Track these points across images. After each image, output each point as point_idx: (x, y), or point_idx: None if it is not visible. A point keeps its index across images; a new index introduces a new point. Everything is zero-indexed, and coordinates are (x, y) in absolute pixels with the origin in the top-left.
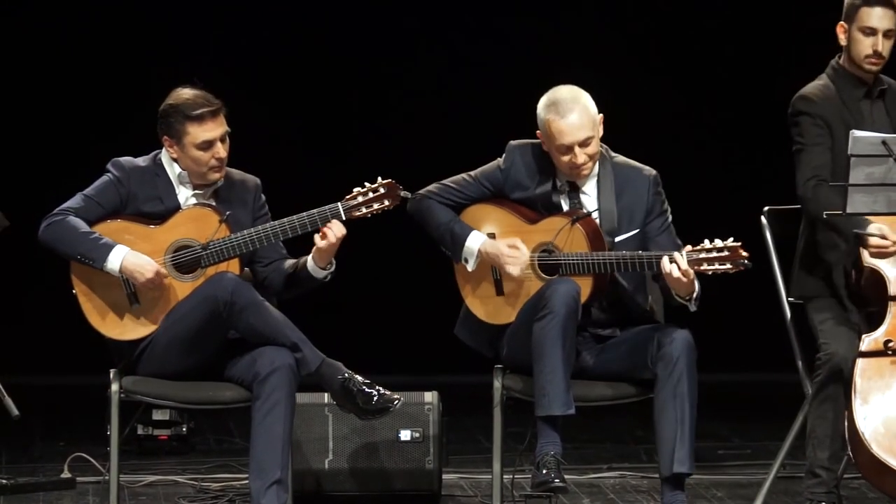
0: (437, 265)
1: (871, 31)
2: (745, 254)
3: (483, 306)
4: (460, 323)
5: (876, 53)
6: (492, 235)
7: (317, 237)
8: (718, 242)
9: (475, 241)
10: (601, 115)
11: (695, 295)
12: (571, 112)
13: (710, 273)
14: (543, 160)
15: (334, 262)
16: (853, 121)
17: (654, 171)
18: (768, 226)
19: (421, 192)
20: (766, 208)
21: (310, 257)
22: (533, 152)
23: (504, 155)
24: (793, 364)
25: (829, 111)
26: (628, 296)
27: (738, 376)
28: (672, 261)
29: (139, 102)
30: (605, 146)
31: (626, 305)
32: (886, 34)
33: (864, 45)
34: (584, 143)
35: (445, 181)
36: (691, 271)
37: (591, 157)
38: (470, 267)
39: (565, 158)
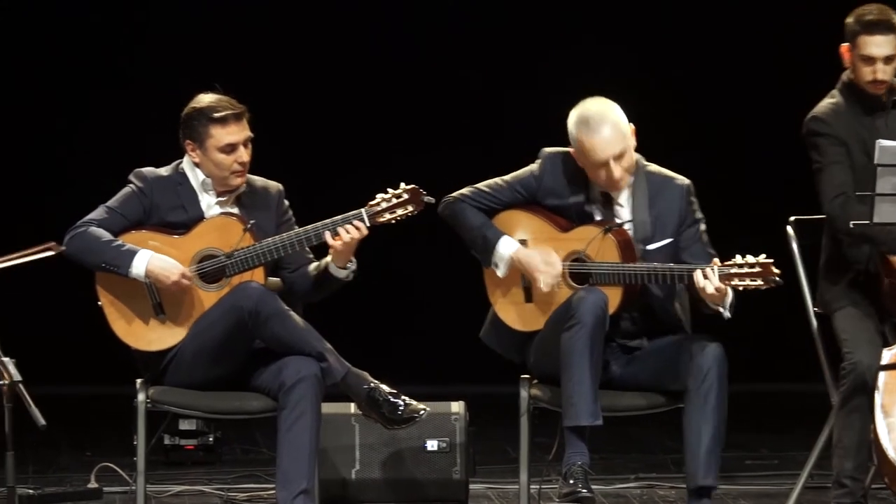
0: (463, 273)
1: (871, 60)
2: (776, 271)
3: (511, 312)
4: (487, 328)
5: (875, 81)
6: (523, 242)
7: (330, 238)
8: (750, 258)
9: (507, 248)
10: (632, 125)
11: (729, 301)
12: (602, 128)
13: (740, 289)
14: (577, 169)
15: (354, 260)
16: (868, 137)
17: (687, 181)
18: (795, 236)
19: (453, 194)
20: (792, 218)
21: (329, 258)
22: (566, 161)
23: (538, 162)
24: (820, 374)
25: (843, 130)
26: (659, 305)
27: (766, 386)
28: (705, 277)
29: (161, 110)
30: (638, 155)
31: (655, 315)
32: (887, 60)
33: (865, 72)
34: (618, 157)
35: (478, 185)
36: (723, 286)
37: (626, 169)
38: (500, 273)
39: (602, 173)
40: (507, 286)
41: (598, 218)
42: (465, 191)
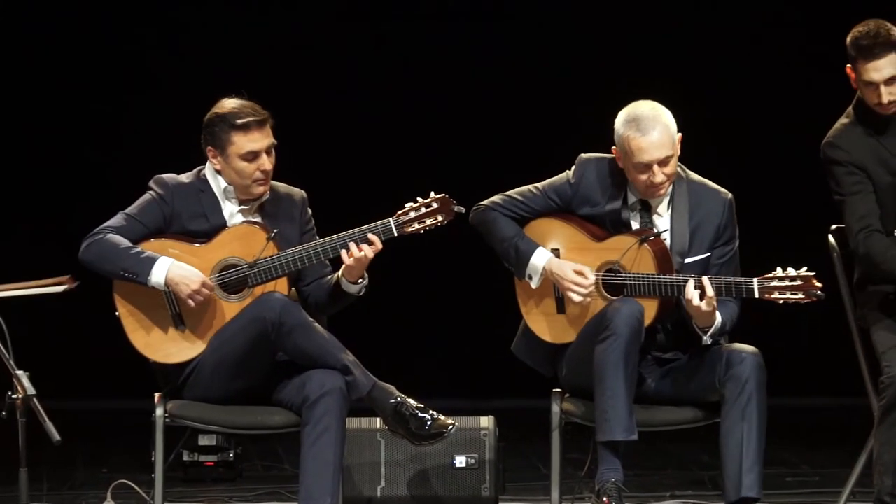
0: (493, 284)
1: (873, 84)
2: (818, 284)
3: (543, 324)
4: (518, 340)
5: (881, 104)
6: (556, 251)
7: (344, 254)
8: (791, 271)
9: (540, 259)
10: (680, 134)
11: (713, 329)
12: (653, 129)
13: (780, 302)
14: (615, 176)
15: (366, 275)
16: (889, 154)
17: (729, 195)
18: (836, 245)
19: (485, 203)
20: (833, 227)
21: (340, 273)
22: (604, 167)
23: (574, 168)
24: (863, 388)
25: (860, 154)
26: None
27: (807, 401)
28: (698, 286)
29: (185, 114)
30: (680, 164)
31: (689, 327)
32: (889, 81)
33: (871, 97)
34: (663, 162)
35: (511, 192)
36: (714, 302)
37: (668, 176)
38: (534, 285)
39: (643, 177)
40: (539, 297)
41: (634, 226)
42: (496, 198)
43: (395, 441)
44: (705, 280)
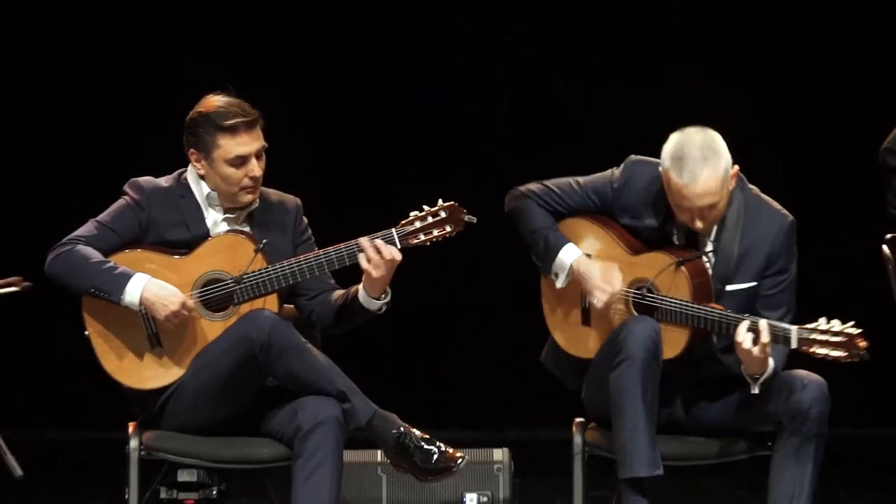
0: (506, 302)
1: None
2: (863, 344)
3: (565, 334)
4: (547, 349)
5: None
6: (587, 257)
7: (366, 264)
8: (836, 325)
9: (569, 255)
10: (736, 167)
11: (764, 377)
12: (697, 177)
13: (819, 357)
14: (662, 187)
15: (389, 290)
16: None
17: (790, 217)
18: (892, 257)
19: (521, 188)
20: (888, 236)
21: (360, 286)
22: (654, 173)
23: (621, 170)
24: None
25: None
26: (728, 356)
27: (858, 432)
28: (752, 328)
29: (167, 115)
30: (741, 175)
31: (719, 362)
32: None
33: None
34: (705, 209)
35: (550, 182)
36: (769, 349)
37: (713, 220)
38: (559, 283)
39: (682, 217)
40: (565, 305)
41: (676, 242)
42: (533, 187)
43: (398, 476)
44: (763, 325)
